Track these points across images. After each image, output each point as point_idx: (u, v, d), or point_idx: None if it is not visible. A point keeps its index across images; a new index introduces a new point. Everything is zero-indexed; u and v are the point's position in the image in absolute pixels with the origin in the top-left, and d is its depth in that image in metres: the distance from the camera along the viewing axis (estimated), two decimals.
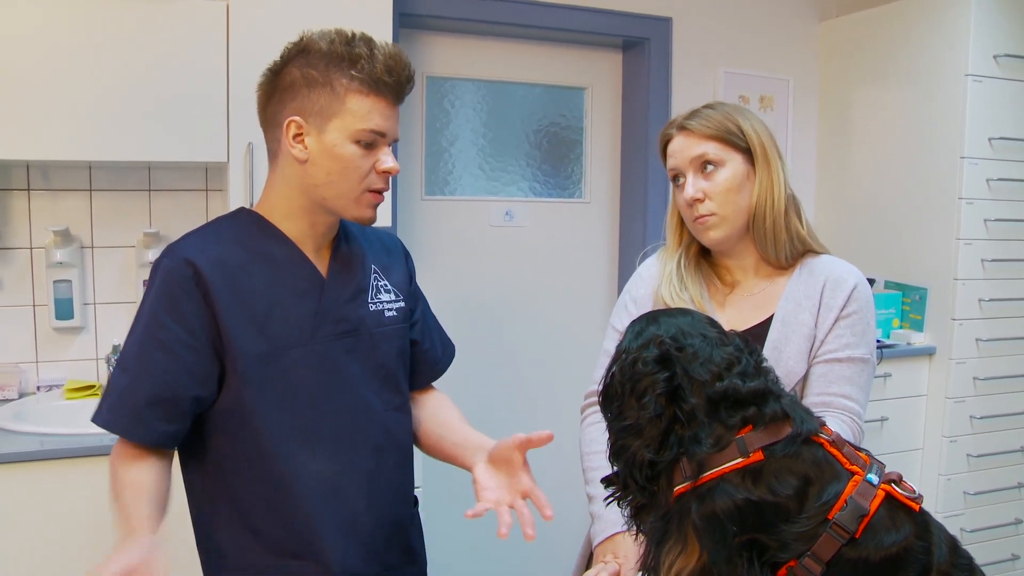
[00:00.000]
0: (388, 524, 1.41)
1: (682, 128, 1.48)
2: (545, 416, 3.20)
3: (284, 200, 1.32)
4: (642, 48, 3.15)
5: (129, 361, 1.27)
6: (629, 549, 1.33)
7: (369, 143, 1.27)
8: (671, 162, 1.50)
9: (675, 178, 1.50)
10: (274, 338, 1.29)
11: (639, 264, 1.65)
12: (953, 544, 1.04)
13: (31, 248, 2.42)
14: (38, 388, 2.42)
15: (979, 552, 2.36)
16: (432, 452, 1.50)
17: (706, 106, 1.50)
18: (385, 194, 1.33)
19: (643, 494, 1.05)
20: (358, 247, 1.43)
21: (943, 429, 2.94)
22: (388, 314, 1.42)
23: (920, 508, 1.03)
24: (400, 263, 1.51)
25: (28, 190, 2.41)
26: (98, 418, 1.27)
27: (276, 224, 1.33)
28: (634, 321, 1.15)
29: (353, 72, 1.24)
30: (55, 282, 2.40)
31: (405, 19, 2.78)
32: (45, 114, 2.13)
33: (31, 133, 2.13)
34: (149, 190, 2.53)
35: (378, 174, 1.30)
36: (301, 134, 1.27)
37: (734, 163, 1.45)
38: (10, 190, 2.40)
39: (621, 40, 3.17)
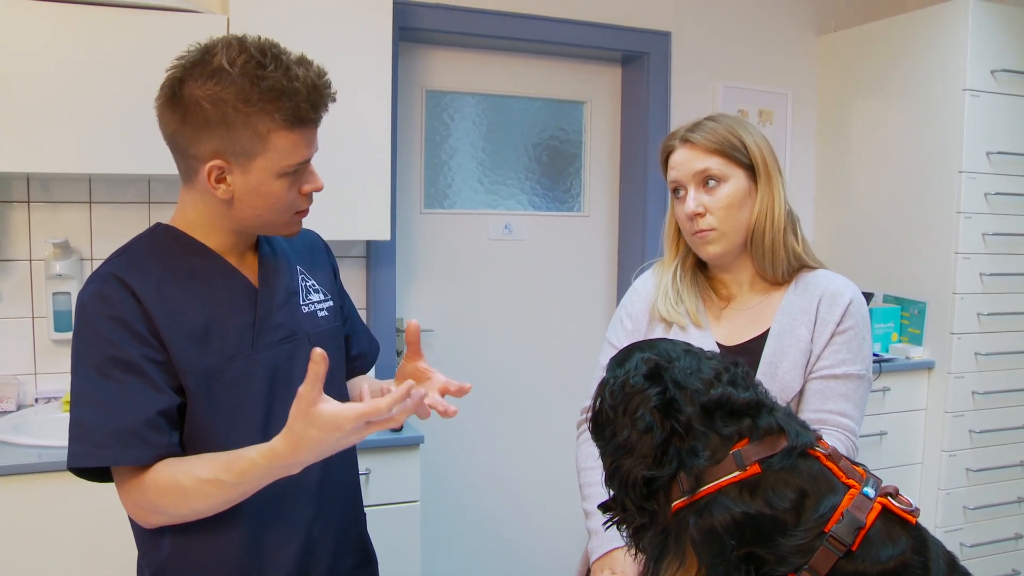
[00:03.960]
0: (340, 529, 1.39)
1: (685, 140, 1.47)
2: (542, 429, 3.20)
3: (205, 219, 1.28)
4: (641, 62, 3.16)
5: (89, 394, 1.17)
6: (627, 564, 1.33)
7: (295, 172, 1.23)
8: (673, 174, 1.49)
9: (675, 190, 1.50)
10: (215, 352, 1.24)
11: (635, 280, 1.65)
12: (952, 560, 1.04)
13: (31, 260, 2.42)
14: (36, 400, 2.42)
15: (979, 567, 2.36)
16: None
17: (709, 118, 1.49)
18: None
19: (641, 514, 1.04)
20: (281, 248, 1.39)
21: (942, 443, 2.94)
22: (321, 314, 1.39)
23: (916, 522, 1.03)
24: (323, 259, 1.48)
25: (28, 202, 2.42)
26: (77, 460, 1.16)
27: (197, 238, 1.29)
28: (612, 357, 1.15)
29: (277, 115, 1.17)
30: (54, 294, 2.41)
31: (405, 33, 2.79)
32: (45, 126, 2.14)
33: (31, 145, 2.14)
34: (149, 203, 2.53)
35: (304, 195, 1.27)
36: (223, 173, 1.21)
37: (736, 179, 1.45)
38: (10, 202, 2.40)
39: (620, 54, 3.18)
